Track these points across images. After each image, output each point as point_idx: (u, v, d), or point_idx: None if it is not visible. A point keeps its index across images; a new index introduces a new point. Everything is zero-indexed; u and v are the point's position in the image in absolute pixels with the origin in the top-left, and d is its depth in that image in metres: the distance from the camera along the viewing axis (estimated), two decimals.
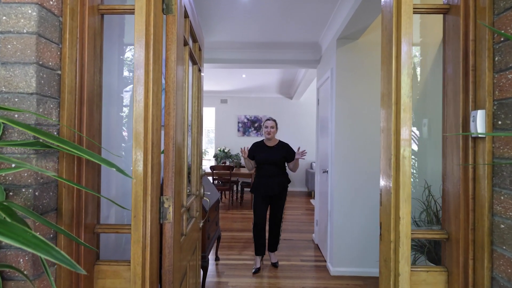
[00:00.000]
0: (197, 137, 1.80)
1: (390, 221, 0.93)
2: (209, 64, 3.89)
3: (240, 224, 4.68)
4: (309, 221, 4.88)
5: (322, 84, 3.62)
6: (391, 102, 0.94)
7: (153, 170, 0.98)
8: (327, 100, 3.31)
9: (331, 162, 3.08)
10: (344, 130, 2.96)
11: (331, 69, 3.10)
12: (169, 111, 1.10)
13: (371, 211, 2.96)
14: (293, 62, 3.89)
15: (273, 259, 3.20)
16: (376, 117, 2.96)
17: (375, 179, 2.95)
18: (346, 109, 2.96)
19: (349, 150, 2.96)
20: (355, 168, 2.96)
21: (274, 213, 3.14)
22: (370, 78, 2.96)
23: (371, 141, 2.96)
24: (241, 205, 6.03)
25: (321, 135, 3.72)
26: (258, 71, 5.70)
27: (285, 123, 7.84)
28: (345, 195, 2.97)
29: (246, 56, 3.81)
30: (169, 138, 1.09)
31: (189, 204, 1.47)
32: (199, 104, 1.83)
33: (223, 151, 6.67)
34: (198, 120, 1.83)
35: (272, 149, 3.08)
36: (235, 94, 7.86)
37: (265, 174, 3.04)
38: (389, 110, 0.96)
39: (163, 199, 1.08)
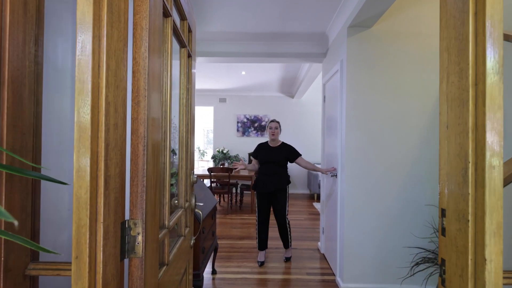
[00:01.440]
0: (186, 137, 1.48)
1: (466, 263, 0.61)
2: (205, 58, 3.57)
3: (239, 230, 4.35)
4: (312, 227, 4.55)
5: (329, 79, 3.30)
6: (467, 82, 0.62)
7: (108, 184, 0.66)
8: (336, 96, 2.99)
9: (341, 165, 2.76)
10: (356, 129, 2.64)
11: (340, 61, 2.78)
12: (138, 100, 0.78)
13: (389, 221, 2.64)
14: (296, 55, 3.57)
15: (286, 254, 3.34)
16: (394, 113, 2.64)
17: (393, 185, 2.63)
18: (359, 105, 2.64)
19: (362, 151, 2.64)
20: (369, 172, 2.64)
21: (276, 210, 3.24)
22: (385, 70, 2.64)
23: (388, 141, 2.64)
24: (240, 209, 5.71)
25: (328, 135, 3.40)
26: (258, 68, 5.38)
27: (286, 123, 7.52)
28: (357, 202, 2.65)
29: (245, 49, 3.49)
30: (137, 137, 0.77)
31: (173, 223, 1.15)
32: (189, 96, 1.51)
33: (221, 152, 6.35)
34: (189, 116, 1.51)
35: (274, 149, 3.24)
36: (234, 92, 7.54)
37: (265, 172, 3.21)
38: (462, 94, 0.64)
39: (129, 224, 0.76)
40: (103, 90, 0.64)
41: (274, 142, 3.27)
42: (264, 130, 7.61)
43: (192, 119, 1.58)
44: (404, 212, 2.65)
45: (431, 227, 2.64)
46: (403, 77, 2.65)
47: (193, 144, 1.64)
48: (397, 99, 2.64)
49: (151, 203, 0.83)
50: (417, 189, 2.65)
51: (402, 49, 2.64)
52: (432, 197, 2.66)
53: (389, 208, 2.65)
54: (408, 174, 2.65)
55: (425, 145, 2.65)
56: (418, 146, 2.65)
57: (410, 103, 2.65)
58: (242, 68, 5.37)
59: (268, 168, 3.19)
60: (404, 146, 2.65)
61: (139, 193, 0.77)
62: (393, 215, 2.65)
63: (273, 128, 3.23)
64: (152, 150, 0.83)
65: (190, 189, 1.51)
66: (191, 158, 1.58)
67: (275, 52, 3.53)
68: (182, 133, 1.41)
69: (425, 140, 2.65)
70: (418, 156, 2.65)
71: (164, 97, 1.07)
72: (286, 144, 3.28)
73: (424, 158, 2.65)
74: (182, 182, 1.39)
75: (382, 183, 2.65)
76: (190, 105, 1.52)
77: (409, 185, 2.65)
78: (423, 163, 2.65)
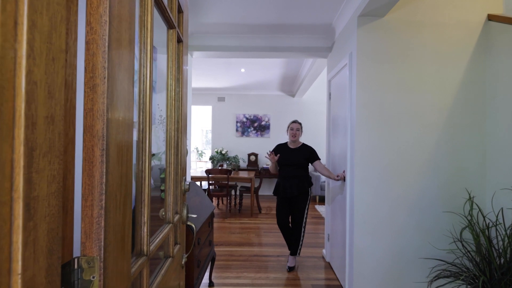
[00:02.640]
0: (176, 137, 1.24)
1: None
2: (202, 52, 3.33)
3: (238, 236, 4.11)
4: (315, 232, 4.32)
5: (335, 75, 3.07)
6: None
7: (34, 210, 0.42)
8: (343, 93, 2.75)
9: (350, 168, 2.52)
10: (367, 128, 2.41)
11: (349, 54, 2.54)
12: (93, 83, 0.54)
13: (403, 229, 2.41)
14: (300, 49, 3.33)
15: (290, 262, 3.08)
16: (409, 111, 2.41)
17: (408, 190, 2.40)
18: (370, 102, 2.41)
19: (373, 153, 2.41)
20: (382, 176, 2.41)
21: (294, 216, 3.06)
22: (399, 63, 2.41)
23: (402, 141, 2.41)
24: (239, 212, 5.47)
25: (334, 135, 3.17)
26: (258, 65, 5.15)
27: (286, 122, 7.28)
28: (368, 208, 2.41)
29: (245, 43, 3.25)
30: (92, 137, 0.53)
31: (157, 245, 0.91)
32: (180, 89, 1.28)
33: (220, 152, 6.11)
34: (179, 112, 1.28)
35: (294, 151, 3.07)
36: (233, 91, 7.31)
37: (286, 175, 3.03)
38: None
39: (79, 263, 0.52)
40: (23, 61, 0.40)
41: (294, 143, 3.11)
42: (264, 130, 7.37)
43: (184, 116, 1.34)
44: (420, 219, 2.41)
45: (450, 236, 2.40)
46: (419, 71, 2.41)
47: (185, 145, 1.40)
48: (412, 95, 2.41)
49: (115, 229, 0.59)
50: (435, 194, 2.42)
51: (417, 40, 2.41)
52: (451, 202, 2.42)
53: (403, 214, 2.41)
54: (424, 177, 2.42)
55: (443, 146, 2.42)
56: (435, 147, 2.42)
57: (427, 100, 2.41)
58: (241, 65, 5.13)
59: (288, 171, 3.02)
60: (420, 147, 2.41)
61: (95, 218, 0.53)
62: (408, 222, 2.41)
63: (294, 130, 3.08)
64: (117, 155, 0.59)
65: (181, 199, 1.27)
66: (183, 162, 1.34)
67: (277, 46, 3.29)
68: (170, 132, 1.17)
69: (443, 140, 2.42)
70: (435, 157, 2.42)
71: (142, 85, 0.83)
72: (307, 146, 3.11)
73: (442, 159, 2.42)
74: (170, 191, 1.15)
75: (396, 187, 2.41)
76: (181, 99, 1.28)
77: (426, 190, 2.42)
78: (441, 165, 2.42)
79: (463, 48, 2.42)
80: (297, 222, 3.01)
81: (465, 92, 2.42)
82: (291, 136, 3.06)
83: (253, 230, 4.38)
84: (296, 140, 3.07)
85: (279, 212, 3.05)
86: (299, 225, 3.01)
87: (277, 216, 3.07)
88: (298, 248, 3.07)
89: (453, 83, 2.42)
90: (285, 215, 3.04)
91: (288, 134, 3.09)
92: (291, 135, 3.06)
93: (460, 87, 2.42)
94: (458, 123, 2.42)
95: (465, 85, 2.42)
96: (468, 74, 2.42)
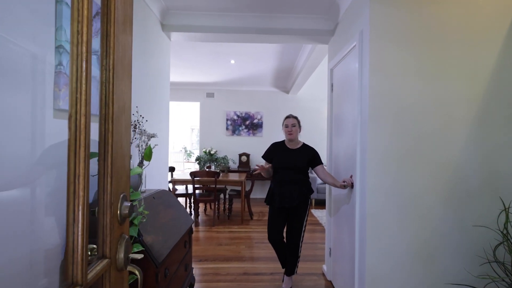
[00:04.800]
0: (104, 131, 0.74)
1: None
2: (182, 34, 2.82)
3: (227, 249, 3.61)
4: (313, 241, 3.85)
5: (339, 61, 2.60)
6: None
7: None
8: (351, 81, 2.29)
9: (361, 173, 2.05)
10: (382, 124, 1.94)
11: (359, 33, 2.07)
12: None
13: (425, 247, 1.95)
14: (297, 32, 2.85)
15: (286, 284, 2.61)
16: (433, 103, 1.95)
17: (433, 200, 1.95)
18: (386, 91, 1.94)
19: (390, 154, 1.94)
20: (401, 183, 1.94)
21: (290, 229, 2.55)
22: (421, 44, 1.95)
23: (426, 140, 1.95)
24: (229, 219, 4.97)
25: (336, 133, 2.70)
26: (249, 56, 4.65)
27: (280, 120, 6.80)
28: (384, 221, 1.95)
29: (233, 23, 2.75)
30: None
31: None
32: (111, 45, 0.78)
33: (208, 152, 5.59)
34: (109, 89, 0.78)
35: (293, 152, 2.55)
36: (223, 86, 6.80)
37: (282, 181, 2.50)
38: None
39: None
40: None
41: (292, 143, 2.57)
42: (257, 128, 6.88)
43: (121, 99, 0.84)
44: (446, 235, 1.96)
45: (482, 256, 1.95)
46: (444, 53, 1.96)
47: (127, 144, 0.90)
48: (436, 83, 1.95)
49: None
50: (463, 204, 1.97)
51: (443, 15, 1.95)
52: (482, 215, 1.98)
53: (426, 230, 1.96)
54: (451, 185, 1.96)
55: (472, 146, 1.97)
56: (463, 147, 1.97)
57: (454, 89, 1.96)
58: (231, 55, 4.63)
59: (286, 175, 2.49)
60: (446, 148, 1.96)
61: None
62: (431, 239, 1.96)
63: (289, 126, 2.52)
64: None
65: (112, 232, 0.78)
66: (120, 171, 0.84)
67: (271, 27, 2.80)
68: (78, 120, 0.67)
69: (473, 138, 1.97)
70: (464, 160, 1.97)
71: None
72: (308, 146, 2.59)
73: (472, 163, 1.97)
74: (83, 219, 0.66)
75: (418, 197, 1.95)
76: (112, 67, 0.79)
77: (453, 200, 1.96)
78: (471, 170, 1.97)
79: (499, 27, 1.97)
80: (294, 237, 2.52)
81: (500, 80, 1.98)
82: (288, 134, 2.53)
83: (243, 241, 3.89)
84: (295, 138, 2.54)
85: (273, 225, 2.52)
86: (296, 240, 2.52)
87: (269, 230, 2.53)
88: (295, 267, 2.59)
89: (485, 69, 1.97)
90: (280, 228, 2.53)
91: (284, 132, 2.57)
92: (287, 132, 2.53)
93: (494, 74, 1.97)
94: (491, 118, 1.98)
95: (500, 71, 1.98)
96: (503, 59, 1.98)
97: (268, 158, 2.61)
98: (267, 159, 2.62)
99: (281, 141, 2.66)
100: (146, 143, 1.93)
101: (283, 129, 2.58)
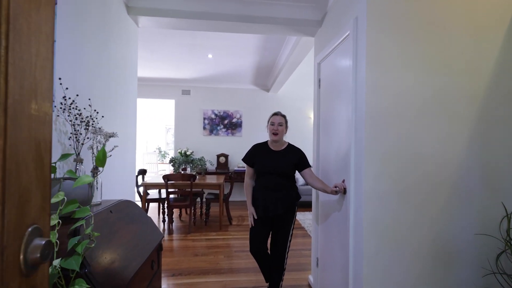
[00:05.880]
0: None
1: None
2: (151, 19, 2.47)
3: (203, 260, 3.29)
4: (297, 248, 3.61)
5: (328, 54, 2.36)
6: None
7: None
8: (343, 75, 2.05)
9: (356, 177, 1.82)
10: (380, 122, 1.71)
11: (354, 20, 1.84)
12: None
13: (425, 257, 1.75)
14: (281, 22, 2.59)
15: None
16: (435, 99, 1.75)
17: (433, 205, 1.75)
18: (385, 85, 1.72)
19: (392, 156, 1.72)
20: (400, 187, 1.73)
21: (275, 240, 2.28)
22: (422, 34, 1.74)
23: (427, 139, 1.75)
24: (206, 225, 4.63)
25: (325, 134, 2.47)
26: (228, 51, 4.35)
27: (260, 120, 6.56)
28: (383, 230, 1.72)
29: (210, 8, 2.44)
30: None
31: None
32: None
33: (184, 153, 5.22)
34: None
35: (278, 154, 2.26)
36: (200, 83, 6.43)
37: (266, 187, 2.22)
38: None
39: None
40: None
41: (277, 144, 2.28)
42: (236, 128, 6.58)
43: (22, 69, 0.52)
44: (447, 245, 1.77)
45: (486, 268, 1.78)
46: (448, 45, 1.77)
47: (46, 148, 0.59)
48: (439, 77, 1.76)
49: None
50: (465, 210, 1.79)
51: (447, 3, 1.76)
52: (486, 222, 1.81)
53: (427, 241, 1.75)
54: (453, 188, 1.78)
55: (476, 145, 1.79)
56: (466, 147, 1.78)
57: (456, 84, 1.78)
58: (208, 49, 4.31)
59: (269, 180, 2.21)
60: (449, 147, 1.77)
61: None
62: (432, 251, 1.76)
63: (275, 125, 2.23)
64: None
65: None
66: (34, 186, 0.52)
67: (252, 15, 2.52)
68: None
69: (476, 137, 1.79)
70: (466, 161, 1.79)
71: None
72: (294, 147, 2.33)
73: (475, 164, 1.79)
74: None
75: (418, 204, 1.75)
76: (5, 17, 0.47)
77: (454, 205, 1.78)
78: (473, 172, 1.79)
79: (504, 17, 1.81)
80: (279, 249, 2.26)
81: (505, 75, 1.81)
82: (272, 134, 2.23)
83: (222, 250, 3.58)
84: (280, 139, 2.25)
85: (255, 236, 2.23)
86: (282, 252, 2.26)
87: (252, 241, 2.25)
88: (280, 281, 2.32)
89: (489, 63, 1.80)
90: (263, 239, 2.25)
91: (268, 131, 2.28)
92: (271, 131, 2.23)
93: (499, 69, 1.81)
94: (494, 116, 1.81)
95: (505, 66, 1.81)
96: (509, 52, 1.82)
97: (250, 162, 2.32)
98: (248, 162, 2.34)
99: (263, 142, 2.38)
100: (103, 144, 1.59)
101: (267, 127, 2.30)
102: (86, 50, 1.78)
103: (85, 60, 1.76)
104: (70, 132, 1.53)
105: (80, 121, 1.53)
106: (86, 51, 1.77)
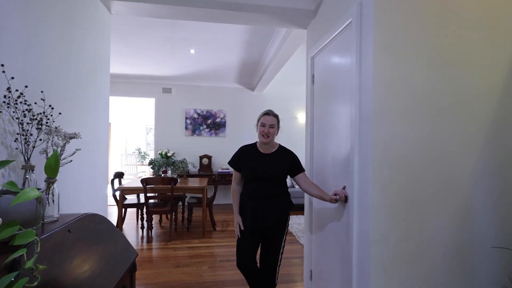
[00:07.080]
0: None
1: None
2: (125, 4, 2.17)
3: (185, 271, 3.00)
4: (285, 256, 3.38)
5: (324, 46, 2.15)
6: None
7: None
8: (342, 69, 1.84)
9: (360, 183, 1.61)
10: (392, 121, 1.51)
11: (357, 6, 1.63)
12: None
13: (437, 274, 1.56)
14: (271, 11, 2.36)
15: None
16: (449, 95, 1.57)
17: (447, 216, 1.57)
18: (394, 78, 1.51)
19: (404, 159, 1.52)
20: (411, 195, 1.53)
21: (265, 254, 2.03)
22: (434, 23, 1.56)
23: (441, 141, 1.57)
24: (188, 231, 4.33)
25: (320, 134, 2.26)
26: (211, 45, 4.08)
27: (245, 120, 6.32)
28: (392, 245, 1.52)
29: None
30: None
31: None
32: None
33: (164, 155, 4.89)
34: None
35: (269, 157, 2.01)
36: (181, 81, 6.10)
37: (255, 194, 1.96)
38: None
39: None
40: None
41: (267, 146, 2.02)
42: (219, 128, 6.29)
43: None
44: (462, 258, 1.59)
45: (504, 285, 1.62)
46: (462, 35, 1.59)
47: None
48: (453, 71, 1.58)
49: None
50: (481, 220, 1.62)
51: None
52: (504, 234, 1.64)
53: (440, 252, 1.57)
54: (468, 197, 1.60)
55: (492, 147, 1.63)
56: (481, 149, 1.62)
57: (473, 80, 1.60)
58: (190, 43, 4.01)
59: (259, 187, 1.96)
60: (464, 149, 1.59)
61: None
62: (445, 263, 1.58)
63: (266, 126, 1.96)
64: None
65: None
66: None
67: (239, 2, 2.27)
68: None
69: (492, 138, 1.63)
70: (482, 165, 1.62)
71: None
72: (286, 149, 2.09)
73: (491, 167, 1.63)
74: None
75: (432, 213, 1.56)
76: None
77: (469, 216, 1.60)
78: (490, 178, 1.63)
79: None
80: (270, 264, 2.01)
81: None
82: (262, 136, 1.98)
83: (205, 259, 3.30)
84: (271, 141, 2.00)
85: (243, 249, 1.98)
86: (273, 266, 2.02)
87: (239, 254, 1.98)
88: None
89: (506, 52, 1.64)
90: (251, 252, 1.99)
91: (258, 132, 2.01)
92: (261, 133, 1.97)
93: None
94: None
95: None
96: None
97: (237, 166, 2.07)
98: (235, 166, 2.08)
99: (252, 143, 2.12)
100: (60, 147, 1.29)
101: (256, 127, 2.05)
102: (42, 33, 1.47)
103: (40, 45, 1.45)
104: (17, 133, 1.23)
105: (30, 118, 1.23)
106: (41, 34, 1.46)
